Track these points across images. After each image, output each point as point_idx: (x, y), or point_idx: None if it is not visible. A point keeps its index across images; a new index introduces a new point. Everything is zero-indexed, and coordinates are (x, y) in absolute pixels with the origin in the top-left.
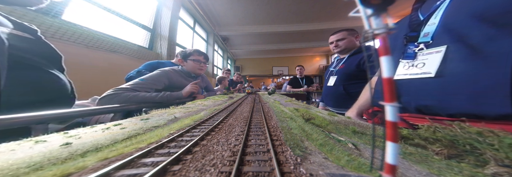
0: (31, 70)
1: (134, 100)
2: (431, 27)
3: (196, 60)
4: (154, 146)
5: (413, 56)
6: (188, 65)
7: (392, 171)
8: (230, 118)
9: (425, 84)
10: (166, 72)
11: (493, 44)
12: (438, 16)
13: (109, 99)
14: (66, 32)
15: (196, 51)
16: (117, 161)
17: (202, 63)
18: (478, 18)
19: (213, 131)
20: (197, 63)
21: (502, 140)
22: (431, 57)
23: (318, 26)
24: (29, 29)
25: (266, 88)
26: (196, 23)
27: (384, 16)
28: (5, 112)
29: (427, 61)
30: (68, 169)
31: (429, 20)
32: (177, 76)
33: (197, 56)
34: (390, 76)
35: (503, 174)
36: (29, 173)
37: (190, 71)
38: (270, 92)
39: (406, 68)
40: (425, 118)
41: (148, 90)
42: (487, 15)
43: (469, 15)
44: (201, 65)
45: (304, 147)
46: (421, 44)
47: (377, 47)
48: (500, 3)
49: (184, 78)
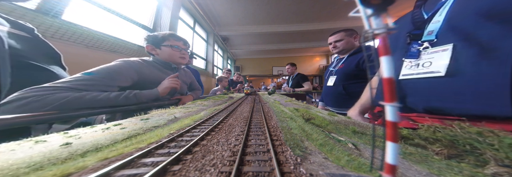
0: (32, 69)
1: (77, 104)
2: (436, 25)
3: (174, 45)
4: (154, 146)
5: (417, 55)
6: (163, 53)
7: (392, 171)
8: (230, 118)
9: (435, 84)
10: (131, 63)
11: (502, 43)
12: (443, 14)
13: (23, 105)
14: (66, 32)
15: (171, 35)
16: (117, 161)
17: (182, 50)
18: (484, 16)
19: (213, 131)
20: (177, 50)
21: (502, 140)
22: (437, 55)
23: (318, 26)
24: (26, 27)
25: (266, 88)
26: (196, 23)
27: (384, 16)
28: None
29: (434, 60)
30: (68, 169)
31: (434, 18)
32: (150, 68)
33: (174, 42)
34: (390, 76)
35: (503, 174)
36: (29, 173)
37: (167, 61)
38: (270, 92)
39: (410, 68)
40: (435, 118)
41: (104, 88)
42: (493, 13)
43: (475, 12)
44: (182, 52)
45: (304, 147)
46: (425, 43)
47: (377, 47)
48: (506, 1)
49: (161, 70)
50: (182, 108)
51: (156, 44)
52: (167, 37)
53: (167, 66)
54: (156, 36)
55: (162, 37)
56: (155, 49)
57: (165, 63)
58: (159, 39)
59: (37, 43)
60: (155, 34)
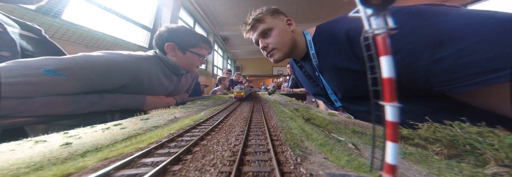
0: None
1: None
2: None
3: (201, 55)
4: (154, 146)
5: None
6: (184, 58)
7: (392, 171)
8: (230, 118)
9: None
10: (131, 61)
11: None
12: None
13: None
14: (66, 32)
15: (204, 41)
16: (117, 161)
17: (202, 58)
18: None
19: (213, 131)
20: (199, 59)
21: (502, 140)
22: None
23: None
24: (34, 28)
25: (266, 88)
26: (196, 23)
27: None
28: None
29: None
30: (68, 169)
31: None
32: (155, 69)
33: (203, 50)
34: (390, 76)
35: (503, 174)
36: (29, 173)
37: (180, 66)
38: (270, 92)
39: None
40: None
41: (73, 91)
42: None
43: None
44: (202, 60)
45: (304, 147)
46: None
47: (377, 47)
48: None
49: (164, 72)
50: (182, 108)
51: (183, 46)
52: (199, 43)
53: (175, 71)
54: (187, 37)
55: (195, 41)
56: (176, 51)
57: (175, 66)
58: (190, 42)
59: (45, 44)
60: (185, 32)
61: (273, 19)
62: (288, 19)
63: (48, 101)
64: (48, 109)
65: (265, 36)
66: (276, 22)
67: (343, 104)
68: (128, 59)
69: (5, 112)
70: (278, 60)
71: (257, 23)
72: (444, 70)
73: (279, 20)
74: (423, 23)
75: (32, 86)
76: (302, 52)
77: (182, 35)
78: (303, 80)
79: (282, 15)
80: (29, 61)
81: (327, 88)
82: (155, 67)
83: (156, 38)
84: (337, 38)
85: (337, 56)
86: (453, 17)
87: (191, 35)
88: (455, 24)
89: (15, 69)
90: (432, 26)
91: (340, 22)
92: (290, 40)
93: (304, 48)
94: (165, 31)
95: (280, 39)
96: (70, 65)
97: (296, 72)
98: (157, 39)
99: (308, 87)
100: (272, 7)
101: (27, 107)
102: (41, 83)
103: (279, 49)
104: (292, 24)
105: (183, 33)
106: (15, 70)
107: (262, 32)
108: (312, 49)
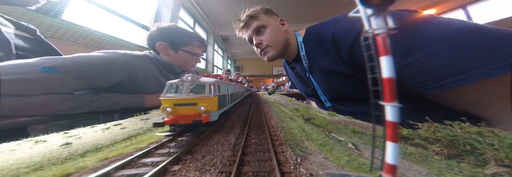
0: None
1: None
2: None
3: (194, 53)
4: (154, 146)
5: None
6: (176, 57)
7: (392, 171)
8: (230, 118)
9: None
10: (126, 58)
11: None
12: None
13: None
14: (66, 32)
15: (197, 39)
16: (117, 161)
17: (196, 56)
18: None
19: (213, 131)
20: (194, 57)
21: (502, 140)
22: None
23: None
24: (28, 28)
25: (266, 88)
26: (196, 23)
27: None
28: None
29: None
30: (68, 169)
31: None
32: (152, 68)
33: (197, 49)
34: (390, 76)
35: (503, 174)
36: (29, 173)
37: (175, 65)
38: (270, 92)
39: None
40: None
41: (70, 89)
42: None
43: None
44: (197, 60)
45: (304, 147)
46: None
47: (377, 47)
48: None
49: (160, 71)
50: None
51: (174, 45)
52: (191, 41)
53: (171, 69)
54: (178, 35)
55: (186, 40)
56: (168, 50)
57: (169, 65)
58: (181, 40)
59: (39, 44)
60: (175, 31)
61: (267, 17)
62: (281, 19)
63: (46, 99)
64: (46, 107)
65: (259, 33)
66: (270, 20)
67: (332, 105)
68: (123, 56)
69: (4, 110)
70: (272, 58)
71: (251, 20)
72: (412, 75)
73: (273, 19)
74: (404, 30)
75: (30, 83)
76: (294, 53)
77: (173, 34)
78: (295, 81)
79: (275, 15)
80: (27, 60)
81: (317, 89)
82: (151, 65)
83: (148, 38)
84: (324, 41)
85: (324, 58)
86: (425, 25)
87: (183, 34)
88: (424, 32)
89: (13, 67)
90: (407, 33)
91: (327, 24)
92: (284, 39)
93: (296, 49)
94: (155, 31)
95: (274, 36)
96: (66, 63)
97: (288, 73)
98: (148, 39)
99: (300, 88)
100: (265, 7)
101: (26, 105)
102: (39, 80)
103: (273, 47)
104: (285, 24)
105: (173, 32)
106: (14, 68)
107: (256, 29)
108: (303, 51)
